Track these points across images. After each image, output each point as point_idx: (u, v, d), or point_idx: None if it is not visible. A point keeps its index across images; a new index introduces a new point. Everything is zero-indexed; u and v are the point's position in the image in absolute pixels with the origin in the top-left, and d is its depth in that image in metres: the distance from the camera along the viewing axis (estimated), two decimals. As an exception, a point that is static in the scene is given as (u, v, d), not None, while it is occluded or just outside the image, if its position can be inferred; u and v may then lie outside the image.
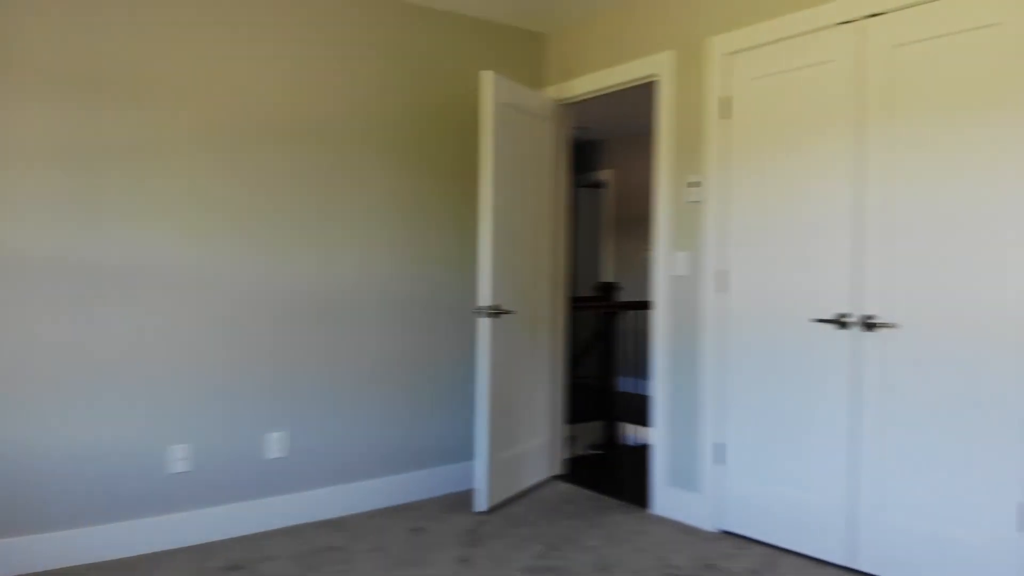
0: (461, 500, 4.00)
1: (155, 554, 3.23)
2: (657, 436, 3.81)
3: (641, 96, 6.14)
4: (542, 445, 4.29)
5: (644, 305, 6.04)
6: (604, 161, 8.38)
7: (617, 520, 3.69)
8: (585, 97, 4.26)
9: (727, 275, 3.53)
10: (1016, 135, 2.62)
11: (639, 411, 6.37)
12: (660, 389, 3.80)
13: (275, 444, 3.57)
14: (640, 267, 7.97)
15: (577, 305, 5.44)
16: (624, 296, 7.90)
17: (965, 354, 2.74)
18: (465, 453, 4.22)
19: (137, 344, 3.21)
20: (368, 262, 3.84)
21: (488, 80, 3.72)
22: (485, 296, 3.72)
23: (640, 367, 7.77)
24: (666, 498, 3.76)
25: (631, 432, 6.44)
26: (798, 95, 3.25)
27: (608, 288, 6.80)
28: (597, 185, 8.38)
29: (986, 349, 2.69)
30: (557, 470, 4.45)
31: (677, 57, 3.73)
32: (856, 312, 3.05)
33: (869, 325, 3.01)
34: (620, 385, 7.80)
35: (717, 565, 3.13)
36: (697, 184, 3.63)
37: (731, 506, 3.50)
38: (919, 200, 2.88)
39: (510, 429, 3.97)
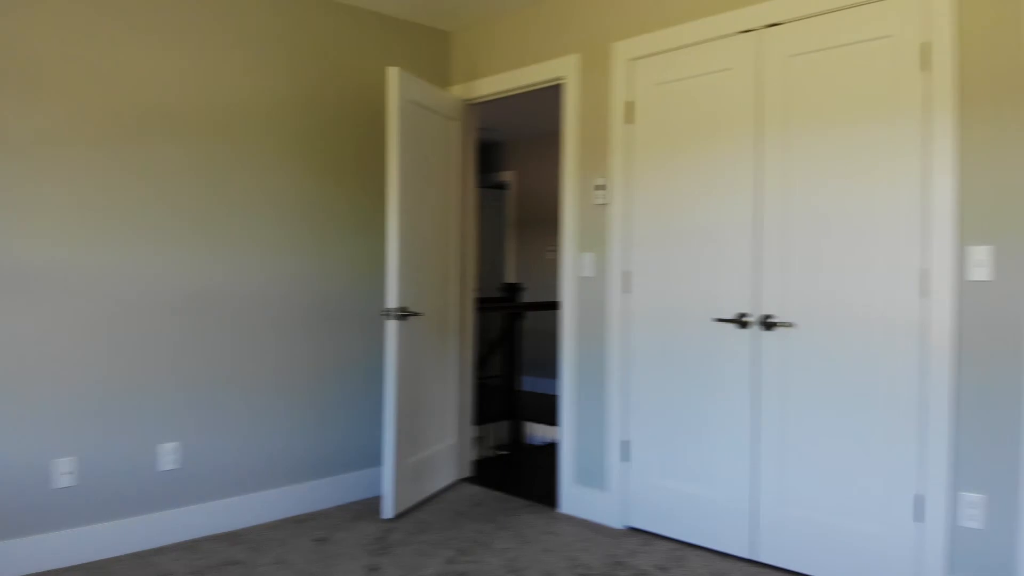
0: (368, 507, 3.91)
1: (41, 574, 3.01)
2: (565, 435, 3.84)
3: (542, 98, 6.18)
4: (450, 448, 4.25)
5: (550, 305, 6.09)
6: (506, 162, 8.40)
7: (526, 521, 3.69)
8: (492, 97, 4.25)
9: (633, 276, 3.58)
10: (904, 144, 2.77)
11: (545, 411, 6.41)
12: (568, 388, 3.82)
13: (168, 455, 3.38)
14: (543, 268, 8.02)
15: (483, 306, 5.42)
16: (528, 297, 7.94)
17: (860, 351, 2.88)
18: (372, 459, 4.12)
19: (12, 351, 2.97)
20: (270, 262, 3.70)
21: (394, 76, 3.65)
22: (392, 298, 3.65)
23: (546, 367, 7.82)
24: (574, 497, 3.79)
25: (537, 432, 6.49)
26: (699, 101, 3.34)
27: (512, 289, 6.82)
28: (499, 186, 8.39)
29: (880, 346, 2.83)
30: (465, 472, 4.41)
31: (583, 61, 3.77)
32: (755, 312, 3.16)
33: (768, 324, 3.12)
34: (527, 385, 7.84)
35: (626, 563, 3.18)
36: (603, 187, 3.68)
37: (637, 503, 3.56)
38: (813, 205, 3.00)
39: (418, 433, 3.91)
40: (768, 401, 3.12)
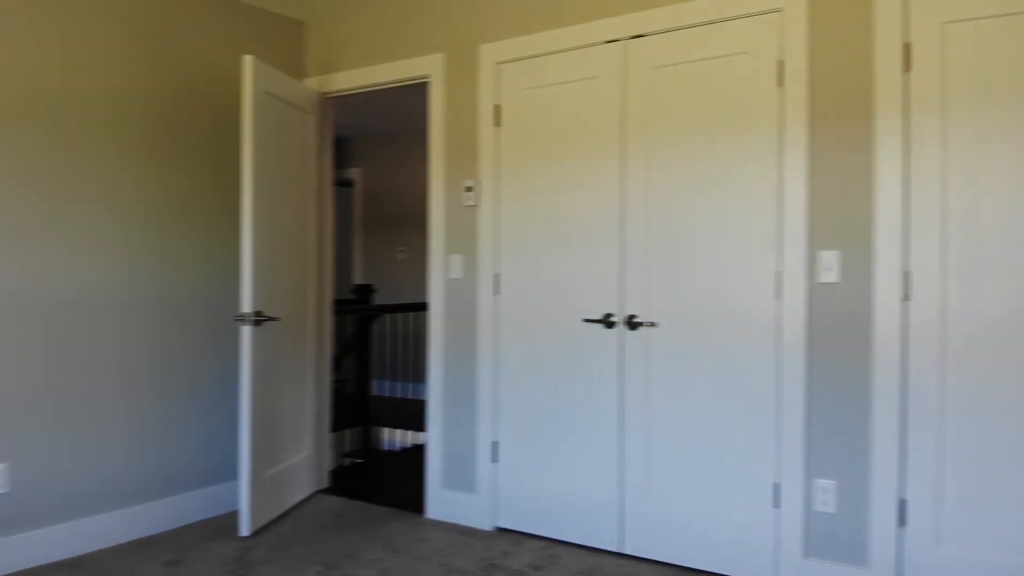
0: (224, 525, 3.65)
1: None
2: (432, 438, 3.78)
3: (393, 95, 6.07)
4: (307, 458, 4.06)
5: (407, 308, 5.99)
6: (352, 159, 8.18)
7: (394, 529, 3.60)
8: (351, 92, 4.10)
9: (503, 278, 3.58)
10: (761, 155, 2.94)
11: (399, 415, 6.30)
12: (436, 391, 3.77)
13: (-10, 482, 2.99)
14: (395, 269, 7.89)
15: (340, 309, 5.24)
16: (379, 299, 7.78)
17: (721, 349, 3.03)
18: (227, 473, 3.86)
19: None
20: (110, 265, 3.36)
21: (249, 66, 3.43)
22: (247, 302, 3.43)
23: (399, 370, 7.70)
24: (442, 501, 3.74)
25: (391, 437, 6.36)
26: (568, 108, 3.39)
27: (364, 291, 6.65)
28: (345, 184, 8.16)
29: (739, 344, 3.00)
30: (323, 483, 4.24)
31: (449, 60, 3.72)
32: (621, 312, 3.25)
33: (633, 324, 3.22)
34: (381, 389, 7.68)
35: (500, 564, 3.17)
36: (472, 189, 3.65)
37: (507, 503, 3.57)
38: (676, 211, 3.13)
39: (275, 444, 3.71)
40: (633, 398, 3.23)
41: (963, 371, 2.60)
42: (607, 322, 3.28)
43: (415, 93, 6.15)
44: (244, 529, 3.44)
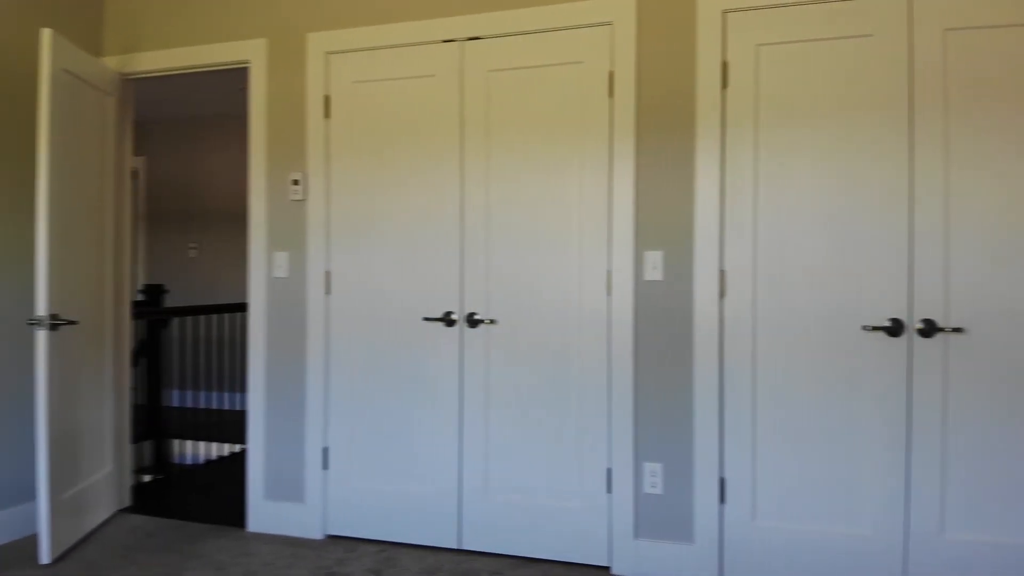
0: (20, 553, 3.21)
1: None
2: (253, 448, 3.57)
3: (185, 79, 5.68)
4: (109, 475, 3.68)
5: (211, 310, 5.60)
6: (135, 147, 7.51)
7: (216, 546, 3.36)
8: (158, 74, 3.77)
9: (335, 276, 3.47)
10: (593, 161, 3.10)
11: (198, 427, 5.89)
12: (257, 397, 3.57)
13: None
14: (186, 267, 7.35)
15: (140, 311, 4.78)
16: (171, 300, 7.19)
17: (557, 344, 3.15)
18: (21, 494, 3.39)
19: None
20: None
21: (47, 40, 3.05)
22: (42, 303, 3.05)
23: (196, 379, 7.17)
24: (267, 513, 3.55)
25: (191, 450, 5.93)
26: (404, 104, 3.36)
27: (154, 292, 6.13)
28: (127, 175, 7.47)
29: (574, 339, 3.13)
30: (125, 502, 3.86)
31: (274, 47, 3.54)
32: (461, 310, 3.28)
33: (473, 322, 3.26)
34: (177, 400, 7.10)
35: (337, 572, 3.07)
36: (299, 182, 3.50)
37: (340, 510, 3.46)
38: (514, 209, 3.21)
39: (75, 460, 3.32)
40: (473, 394, 3.27)
41: (771, 360, 2.91)
42: (447, 320, 3.29)
43: (213, 78, 5.78)
44: (45, 556, 3.05)
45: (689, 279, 2.98)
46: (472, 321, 3.26)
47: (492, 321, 3.24)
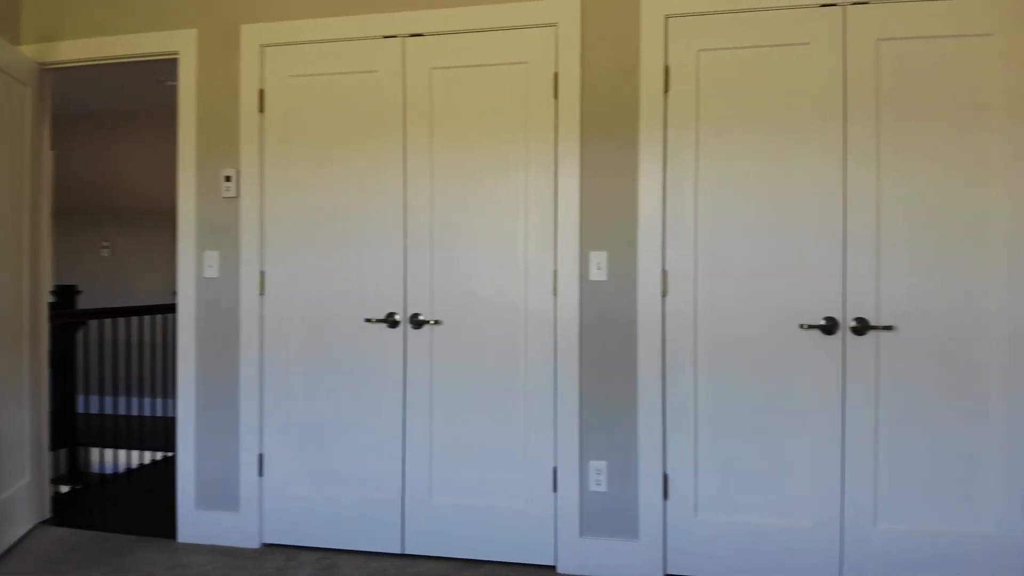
0: (-87, 579, 3.00)
1: None
2: (184, 455, 3.43)
3: (98, 70, 5.43)
4: (27, 486, 3.47)
5: (131, 311, 5.35)
6: (44, 142, 7.14)
7: (145, 559, 3.22)
8: (80, 63, 3.58)
9: (271, 277, 3.37)
10: (539, 161, 3.10)
11: (119, 434, 5.63)
12: (187, 403, 3.43)
13: None
14: (99, 267, 7.02)
15: (55, 313, 4.53)
16: (84, 302, 6.85)
17: (503, 345, 3.14)
18: (-91, 515, 3.16)
19: None
20: None
21: (-42, 24, 2.86)
22: (-46, 306, 2.85)
23: (120, 384, 6.86)
24: (199, 523, 3.41)
25: (107, 459, 5.67)
26: (345, 100, 3.29)
27: (66, 293, 5.83)
28: (35, 169, 7.09)
29: (520, 339, 3.13)
30: (45, 514, 3.65)
31: (204, 37, 3.41)
32: (405, 311, 3.23)
33: (417, 323, 3.22)
34: (92, 406, 6.77)
35: (278, 581, 2.99)
36: (232, 178, 3.38)
37: (278, 518, 3.36)
38: (460, 210, 3.18)
39: (-12, 474, 3.12)
40: (417, 397, 3.22)
41: (712, 358, 2.97)
42: (390, 321, 3.24)
43: (127, 70, 5.53)
44: (-47, 580, 2.86)
45: (633, 279, 3.02)
46: (416, 322, 3.21)
47: (437, 322, 3.21)
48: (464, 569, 3.10)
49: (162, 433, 5.97)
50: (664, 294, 3.00)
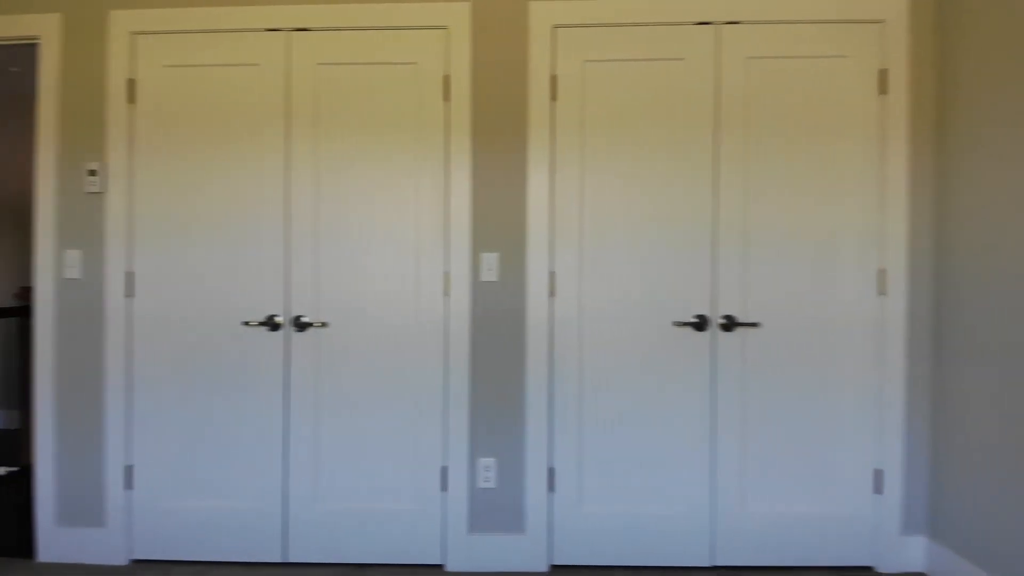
0: None
1: None
2: (42, 469, 3.18)
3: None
4: None
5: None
6: None
7: (-2, 583, 2.95)
8: (-87, 43, 3.23)
9: (139, 278, 3.18)
10: (429, 163, 3.12)
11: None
12: (46, 413, 3.17)
13: None
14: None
15: None
16: None
17: (393, 345, 3.13)
18: None
19: None
20: None
21: None
22: None
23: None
24: (60, 540, 3.17)
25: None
26: (223, 93, 3.16)
27: None
28: None
29: (411, 340, 3.13)
30: None
31: (69, 22, 3.17)
32: (287, 313, 3.15)
33: (301, 325, 3.14)
34: None
35: (154, 598, 2.83)
36: (97, 172, 3.16)
37: (149, 532, 3.18)
38: (345, 210, 3.14)
39: None
40: (302, 402, 3.15)
41: (595, 355, 3.11)
42: (271, 324, 3.14)
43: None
44: None
45: (523, 280, 3.10)
46: (300, 324, 3.14)
47: (323, 324, 3.15)
48: (350, 574, 3.06)
49: (12, 445, 5.45)
50: (552, 294, 3.11)
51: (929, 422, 3.04)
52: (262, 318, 3.15)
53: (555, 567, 3.12)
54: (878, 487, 3.06)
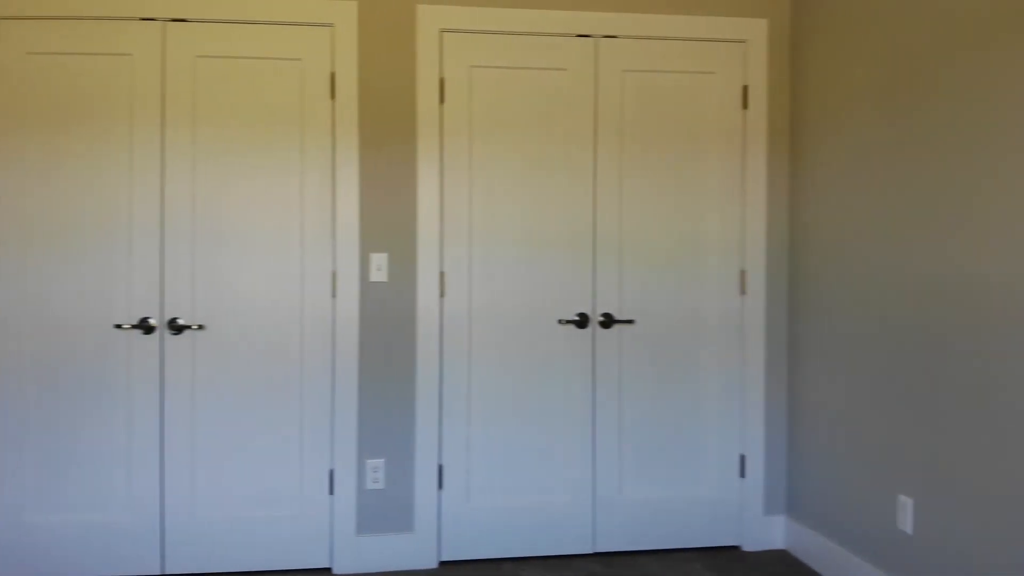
0: None
1: None
2: None
3: None
4: None
5: None
6: None
7: None
8: None
9: (3, 278, 2.95)
10: (316, 163, 3.08)
11: None
12: None
13: None
14: None
15: None
16: None
17: (277, 347, 3.07)
18: None
19: None
20: None
21: None
22: None
23: None
24: None
25: None
26: (92, 84, 2.98)
27: None
28: None
29: (296, 342, 3.08)
30: None
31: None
32: (162, 315, 3.02)
33: (178, 327, 3.01)
34: None
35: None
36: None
37: (5, 551, 2.94)
38: (225, 209, 3.04)
39: None
40: (179, 407, 3.02)
41: (483, 353, 3.18)
42: (145, 327, 2.99)
43: None
44: None
45: (413, 280, 3.13)
46: (176, 327, 3.01)
47: (200, 327, 3.03)
48: (235, 582, 2.98)
49: None
50: (442, 294, 3.15)
51: (785, 410, 3.34)
52: (135, 320, 3.00)
53: (444, 563, 3.16)
54: (743, 471, 3.32)
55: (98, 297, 2.98)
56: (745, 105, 3.29)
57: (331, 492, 3.10)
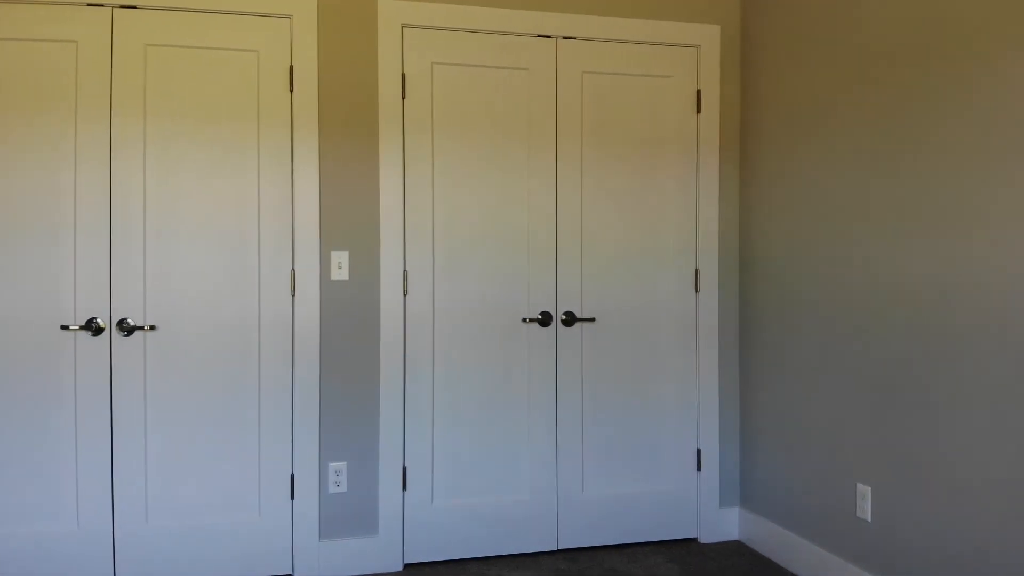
0: None
1: None
2: None
3: None
4: None
5: None
6: None
7: None
8: None
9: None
10: (275, 159, 2.99)
11: None
12: None
13: None
14: None
15: None
16: None
17: (234, 349, 2.96)
18: None
19: None
20: None
21: None
22: None
23: None
24: None
25: None
26: (36, 70, 2.80)
27: None
28: None
29: (253, 343, 2.97)
30: None
31: None
32: (111, 315, 2.87)
33: (128, 328, 2.86)
34: None
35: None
36: None
37: (-67, 572, 2.73)
38: (177, 206, 2.92)
39: None
40: (129, 411, 2.88)
41: (446, 353, 3.15)
42: (93, 328, 2.83)
43: None
44: None
45: (375, 278, 3.07)
46: (126, 328, 2.86)
47: (152, 327, 2.90)
48: (191, 594, 2.85)
49: None
50: (406, 293, 3.11)
51: (737, 405, 3.44)
52: (82, 321, 2.84)
53: (409, 566, 3.12)
54: (699, 465, 3.40)
55: (42, 297, 2.81)
56: (699, 109, 3.38)
57: (292, 497, 3.01)
